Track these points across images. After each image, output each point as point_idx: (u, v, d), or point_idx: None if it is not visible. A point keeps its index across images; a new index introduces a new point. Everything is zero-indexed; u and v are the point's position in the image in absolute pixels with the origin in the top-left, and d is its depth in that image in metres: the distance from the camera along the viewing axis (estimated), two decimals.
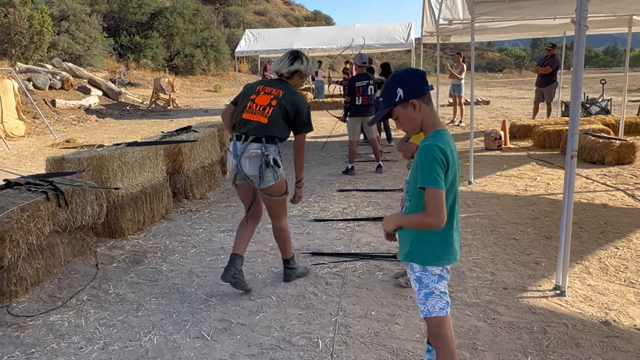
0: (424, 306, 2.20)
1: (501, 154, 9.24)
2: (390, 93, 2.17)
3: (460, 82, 13.21)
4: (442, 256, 2.18)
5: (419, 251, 2.18)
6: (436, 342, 2.22)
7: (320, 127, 13.28)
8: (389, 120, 10.76)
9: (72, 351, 3.01)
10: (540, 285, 3.74)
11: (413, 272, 2.22)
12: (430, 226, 2.10)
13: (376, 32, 21.02)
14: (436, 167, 2.06)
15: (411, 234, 2.20)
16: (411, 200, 2.21)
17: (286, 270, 3.97)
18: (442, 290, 2.20)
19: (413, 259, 2.19)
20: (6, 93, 13.66)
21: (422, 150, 2.11)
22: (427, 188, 2.06)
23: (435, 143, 2.11)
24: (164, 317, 3.41)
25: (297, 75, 3.79)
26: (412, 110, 2.16)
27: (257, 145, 3.61)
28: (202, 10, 38.92)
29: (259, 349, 2.98)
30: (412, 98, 2.14)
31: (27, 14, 22.26)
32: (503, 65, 66.02)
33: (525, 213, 5.54)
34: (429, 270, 2.18)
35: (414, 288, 2.24)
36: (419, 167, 2.09)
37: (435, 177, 2.05)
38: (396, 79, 2.20)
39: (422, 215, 2.10)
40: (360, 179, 7.49)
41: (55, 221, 3.92)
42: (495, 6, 6.52)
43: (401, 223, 2.23)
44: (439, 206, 2.05)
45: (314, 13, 65.36)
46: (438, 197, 2.05)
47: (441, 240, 2.17)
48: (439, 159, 2.07)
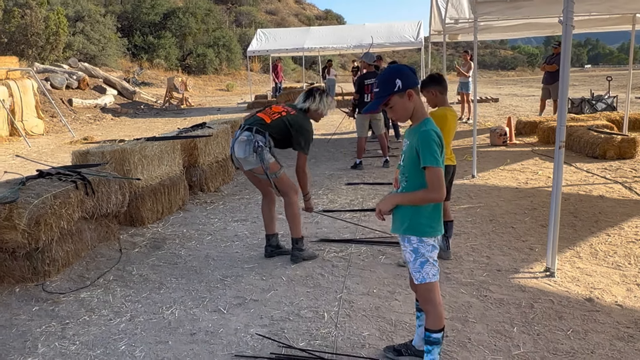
0: (419, 274, 2.49)
1: (506, 149, 9.47)
2: (389, 83, 2.44)
3: (467, 79, 13.43)
4: (436, 228, 2.49)
5: (417, 224, 2.46)
6: (426, 305, 2.53)
7: (330, 124, 13.56)
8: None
9: (102, 322, 3.34)
10: (532, 267, 4.01)
11: (410, 244, 2.50)
12: (433, 200, 2.42)
13: (386, 31, 21.28)
14: (435, 148, 2.38)
15: (409, 210, 2.48)
16: (408, 180, 2.49)
17: (294, 251, 4.29)
18: (435, 258, 2.50)
19: (413, 232, 2.47)
20: (26, 92, 14.12)
21: (422, 135, 2.40)
22: (429, 167, 2.36)
23: (431, 128, 2.43)
24: (184, 294, 3.73)
25: (309, 111, 4.44)
26: (407, 99, 2.45)
27: (247, 133, 4.09)
28: (214, 10, 39.38)
29: (270, 321, 3.29)
30: (409, 88, 2.44)
31: (44, 15, 22.80)
32: (515, 63, 65.73)
33: (524, 204, 5.80)
34: (425, 241, 2.47)
35: (408, 259, 2.52)
36: (421, 149, 2.38)
37: (436, 157, 2.37)
38: (394, 71, 2.48)
39: (425, 191, 2.40)
40: (367, 173, 7.78)
41: (83, 208, 4.26)
42: (497, 6, 6.76)
43: (402, 202, 2.49)
44: (440, 182, 2.37)
45: (325, 12, 65.64)
46: (439, 174, 2.37)
47: (434, 214, 2.48)
48: (436, 141, 2.39)
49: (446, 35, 11.33)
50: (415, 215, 2.47)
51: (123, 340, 3.11)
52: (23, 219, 3.66)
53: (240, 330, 3.19)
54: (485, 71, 53.81)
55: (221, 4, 47.77)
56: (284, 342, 3.01)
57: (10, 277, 3.83)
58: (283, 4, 60.44)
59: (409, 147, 2.48)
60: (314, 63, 41.36)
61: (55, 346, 3.07)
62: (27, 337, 3.18)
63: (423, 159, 2.37)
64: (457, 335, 3.03)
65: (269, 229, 4.46)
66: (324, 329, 3.16)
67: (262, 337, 3.08)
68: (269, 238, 4.44)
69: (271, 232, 4.45)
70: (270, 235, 4.44)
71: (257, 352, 2.93)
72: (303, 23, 52.05)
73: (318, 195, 6.51)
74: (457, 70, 13.72)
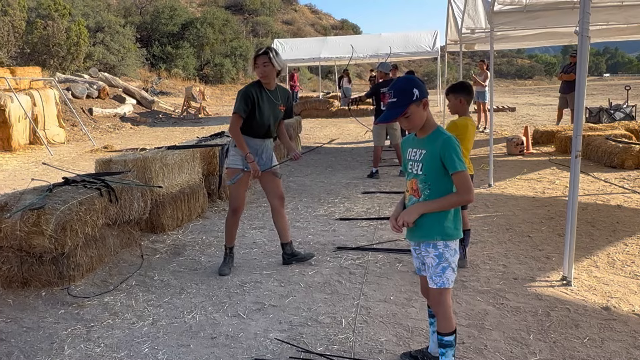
0: (439, 278, 2.53)
1: (523, 159, 9.46)
2: (407, 93, 2.48)
3: (484, 89, 13.45)
4: (460, 229, 2.56)
5: (445, 228, 2.52)
6: (437, 307, 2.58)
7: (347, 133, 13.67)
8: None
9: (125, 325, 3.44)
10: (549, 276, 4.03)
11: (435, 249, 2.53)
12: (465, 202, 2.52)
13: (402, 40, 21.36)
14: (459, 152, 2.46)
15: (436, 216, 2.51)
16: (431, 188, 2.51)
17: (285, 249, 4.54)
18: (456, 263, 2.56)
19: (443, 237, 2.52)
20: (48, 102, 14.43)
21: (447, 142, 2.46)
22: (458, 172, 2.43)
23: (451, 135, 2.50)
24: (204, 299, 3.81)
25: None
26: (422, 108, 2.51)
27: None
28: (231, 20, 39.83)
29: (289, 326, 3.35)
30: (424, 98, 2.50)
31: (65, 26, 23.28)
32: (533, 72, 65.35)
33: (541, 213, 5.81)
34: (449, 246, 2.53)
35: (430, 264, 2.56)
36: (448, 156, 2.44)
37: (462, 161, 2.45)
38: (410, 81, 2.53)
39: (456, 195, 2.46)
40: (384, 182, 7.83)
41: (107, 215, 4.38)
42: (513, 16, 6.82)
43: (431, 209, 2.50)
44: (470, 184, 2.46)
45: (341, 22, 65.99)
46: (467, 177, 2.46)
47: (456, 217, 2.55)
48: (458, 146, 2.47)
49: (462, 45, 11.39)
50: (442, 220, 2.52)
51: (146, 343, 3.19)
52: (50, 225, 3.78)
53: (259, 334, 3.26)
54: (502, 80, 53.60)
55: (238, 14, 48.34)
56: (302, 347, 3.08)
57: (37, 281, 3.95)
58: (299, 14, 60.93)
59: (429, 155, 2.50)
60: (329, 72, 41.58)
61: (80, 348, 3.16)
62: (54, 339, 3.28)
63: (452, 165, 2.43)
64: (473, 342, 3.07)
65: (280, 237, 4.53)
66: (342, 335, 3.22)
67: (281, 341, 3.15)
68: (283, 246, 4.52)
69: (282, 240, 4.51)
70: (282, 245, 4.52)
71: (276, 356, 3.00)
72: (319, 33, 52.41)
73: (335, 204, 6.58)
74: (474, 80, 13.74)
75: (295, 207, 6.48)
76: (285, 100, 4.37)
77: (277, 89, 4.33)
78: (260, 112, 4.19)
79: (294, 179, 8.42)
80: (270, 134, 4.35)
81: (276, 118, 4.33)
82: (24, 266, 3.95)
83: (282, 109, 4.35)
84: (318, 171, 9.07)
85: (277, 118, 4.34)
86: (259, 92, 4.20)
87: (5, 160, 11.66)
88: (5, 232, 3.86)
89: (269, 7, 53.38)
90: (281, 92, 4.37)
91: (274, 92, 4.28)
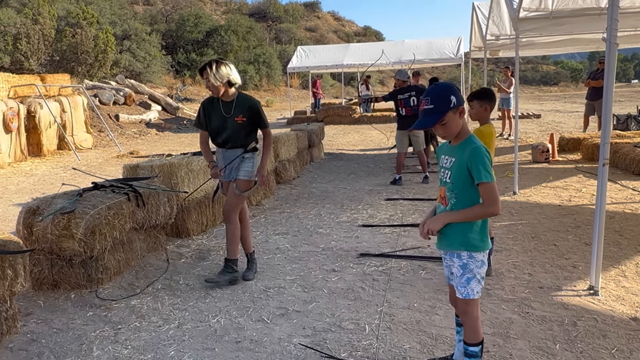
0: (464, 289, 2.53)
1: (548, 166, 9.34)
2: (445, 100, 2.46)
3: (508, 95, 13.33)
4: (486, 242, 2.53)
5: (469, 239, 2.50)
6: (464, 317, 2.58)
7: (370, 140, 13.67)
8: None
9: (152, 328, 3.49)
10: (575, 285, 3.97)
11: (459, 259, 2.53)
12: (490, 215, 2.46)
13: (425, 47, 21.29)
14: (488, 164, 2.43)
15: (461, 226, 2.51)
16: (458, 197, 2.51)
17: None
18: (482, 275, 2.54)
19: (466, 248, 2.51)
20: (76, 108, 14.75)
21: (475, 152, 2.44)
22: (484, 183, 2.41)
23: (481, 145, 2.48)
24: (229, 303, 3.85)
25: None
26: (458, 116, 2.50)
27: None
28: (255, 27, 40.22)
29: (313, 331, 3.37)
30: (460, 105, 2.50)
31: (93, 34, 23.79)
32: (558, 78, 64.38)
33: (567, 222, 5.73)
34: (474, 257, 2.51)
35: (455, 274, 2.56)
36: (475, 166, 2.42)
37: (490, 172, 2.42)
38: (447, 88, 2.52)
39: (482, 206, 2.43)
40: (407, 189, 7.81)
41: (134, 219, 4.46)
42: (539, 23, 6.76)
43: (456, 219, 2.50)
44: (496, 196, 2.42)
45: (364, 29, 66.02)
46: (494, 189, 2.42)
47: (483, 228, 2.52)
48: (488, 157, 2.44)
49: (487, 51, 11.32)
50: (467, 230, 2.50)
51: (172, 346, 3.24)
52: (80, 229, 3.87)
53: (283, 339, 3.28)
54: (527, 87, 52.96)
55: (262, 21, 48.78)
56: (326, 352, 3.09)
57: (66, 284, 4.04)
58: (322, 21, 61.19)
59: (457, 164, 2.50)
60: (352, 79, 41.64)
61: (109, 350, 3.22)
62: (83, 340, 3.35)
63: (478, 175, 2.41)
64: (498, 351, 3.04)
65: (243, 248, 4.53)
66: (365, 341, 3.22)
67: (305, 347, 3.17)
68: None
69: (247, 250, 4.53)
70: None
71: None
72: (342, 40, 52.55)
73: (358, 210, 6.59)
74: (498, 86, 13.64)
75: (318, 214, 6.51)
76: (245, 111, 4.20)
77: (235, 99, 4.22)
78: (209, 123, 4.28)
79: (317, 185, 8.45)
80: (229, 144, 4.26)
81: (232, 129, 4.20)
82: (54, 268, 4.04)
83: (240, 120, 4.19)
84: (341, 178, 9.09)
85: (232, 129, 4.20)
86: (211, 104, 4.27)
87: (35, 165, 11.94)
88: (37, 235, 3.97)
89: (292, 14, 53.77)
90: (240, 103, 4.22)
91: (229, 103, 4.21)
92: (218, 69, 4.07)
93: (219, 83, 4.08)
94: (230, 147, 4.27)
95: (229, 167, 4.28)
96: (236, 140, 4.24)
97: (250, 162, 4.30)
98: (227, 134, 4.23)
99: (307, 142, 10.40)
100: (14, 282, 3.29)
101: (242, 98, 4.27)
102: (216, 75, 4.06)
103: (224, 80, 4.10)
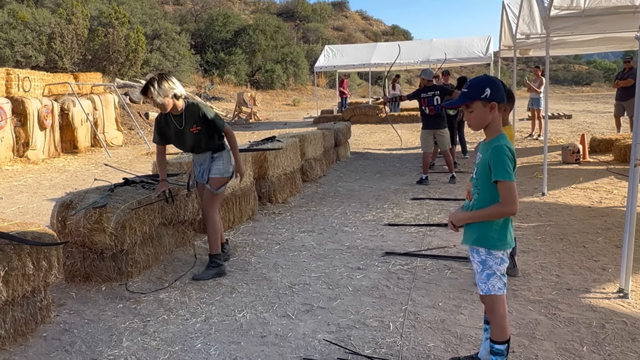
0: (484, 285, 2.54)
1: (579, 167, 9.18)
2: (479, 88, 2.49)
3: (538, 95, 13.12)
4: (505, 241, 2.53)
5: (486, 237, 2.52)
6: (490, 314, 2.58)
7: (396, 139, 13.61)
8: (463, 130, 10.86)
9: (179, 321, 3.57)
10: (604, 288, 3.91)
11: (478, 256, 2.56)
12: (507, 214, 2.46)
13: (454, 46, 21.12)
14: (508, 162, 2.43)
15: (479, 223, 2.54)
16: (480, 193, 2.54)
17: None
18: (502, 272, 2.54)
19: (481, 244, 2.53)
20: (108, 106, 15.07)
21: (495, 150, 2.46)
22: (502, 181, 2.41)
23: (505, 144, 2.48)
24: (254, 299, 3.91)
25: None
26: (488, 110, 2.50)
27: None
28: (283, 27, 40.42)
29: (337, 328, 3.40)
30: (494, 101, 2.50)
31: (124, 34, 24.25)
32: (591, 78, 62.95)
33: (597, 223, 5.63)
34: (494, 254, 2.52)
35: (476, 270, 2.58)
36: (493, 164, 2.44)
37: (508, 171, 2.42)
38: (487, 80, 2.54)
39: (498, 205, 2.45)
40: (433, 189, 7.77)
41: (163, 215, 4.55)
42: (570, 21, 6.64)
43: (475, 219, 2.53)
44: (514, 196, 2.42)
45: (391, 28, 65.68)
46: (512, 188, 2.41)
47: (504, 227, 2.52)
48: (509, 156, 2.44)
49: (517, 51, 11.17)
50: (484, 227, 2.53)
51: (199, 339, 3.31)
52: (111, 223, 3.97)
53: (308, 335, 3.32)
54: (558, 87, 51.96)
55: (290, 21, 48.98)
56: (350, 348, 3.11)
57: (97, 276, 4.15)
58: (350, 20, 61.11)
59: (482, 161, 2.54)
60: (379, 78, 41.49)
61: (138, 341, 3.31)
62: (113, 331, 3.44)
63: (495, 173, 2.42)
64: (524, 352, 3.02)
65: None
66: (390, 339, 3.23)
67: (329, 342, 3.19)
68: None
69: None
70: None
71: (324, 356, 3.05)
72: (370, 39, 52.39)
73: (383, 209, 6.59)
74: (528, 86, 13.44)
75: (343, 212, 6.53)
76: (197, 120, 4.23)
77: (184, 111, 4.25)
78: (169, 137, 4.39)
79: (343, 184, 8.47)
80: (197, 150, 4.39)
81: (192, 139, 4.29)
82: (86, 261, 4.16)
83: (195, 130, 4.24)
84: (367, 177, 9.09)
85: (192, 139, 4.29)
86: (165, 120, 4.33)
87: (68, 161, 12.25)
88: (70, 229, 4.09)
89: (320, 14, 53.85)
90: (189, 114, 4.25)
91: (179, 116, 4.25)
92: (160, 85, 4.06)
93: (163, 99, 4.09)
94: (200, 151, 4.42)
95: (201, 170, 4.47)
96: (200, 147, 4.37)
97: (220, 160, 4.42)
98: (189, 144, 4.37)
99: (333, 141, 10.43)
100: (48, 273, 3.40)
101: (190, 108, 4.28)
102: (159, 92, 4.06)
103: (169, 95, 4.11)
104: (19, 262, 3.17)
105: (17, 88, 12.59)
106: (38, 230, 3.40)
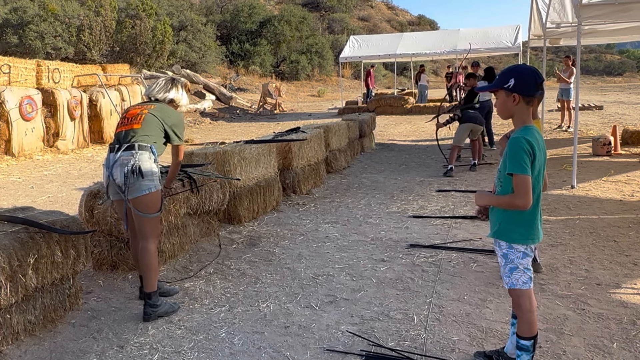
0: (508, 279, 2.50)
1: (610, 159, 8.96)
2: (504, 77, 2.49)
3: (569, 86, 12.82)
4: (527, 236, 2.47)
5: (506, 230, 2.49)
6: (516, 309, 2.55)
7: (421, 130, 13.49)
8: (490, 122, 10.87)
9: (204, 310, 3.60)
10: (636, 283, 3.81)
11: (500, 249, 2.53)
12: (517, 207, 2.41)
13: (481, 36, 20.75)
14: (523, 156, 2.37)
15: (500, 215, 2.52)
16: (502, 185, 2.52)
17: (146, 307, 3.47)
18: (525, 266, 2.49)
19: (501, 237, 2.51)
20: (135, 97, 15.23)
21: (511, 142, 2.43)
22: (515, 174, 2.37)
23: (523, 136, 2.42)
24: (278, 289, 3.92)
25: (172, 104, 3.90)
26: (510, 100, 2.47)
27: (128, 152, 3.55)
28: (308, 17, 40.25)
29: (361, 320, 3.38)
30: (517, 92, 2.44)
31: (151, 25, 24.49)
32: (623, 68, 61.28)
33: (629, 217, 5.49)
34: (515, 248, 2.48)
35: (500, 263, 2.54)
36: (509, 156, 2.41)
37: (522, 164, 2.36)
38: (515, 70, 2.49)
39: (511, 196, 2.41)
40: (459, 181, 7.68)
41: (188, 205, 4.58)
42: (603, 9, 6.46)
43: (491, 203, 2.57)
44: (526, 189, 2.36)
45: (418, 17, 64.89)
46: (525, 181, 2.36)
47: (527, 221, 2.47)
48: (525, 149, 2.38)
49: (547, 40, 10.92)
50: (505, 220, 2.50)
51: (223, 328, 3.33)
52: None
53: (331, 326, 3.31)
54: (589, 77, 50.80)
55: (315, 11, 48.75)
56: (373, 340, 3.10)
57: (124, 265, 4.22)
58: (376, 10, 60.58)
59: (504, 153, 2.50)
60: (405, 69, 41.11)
61: (163, 329, 3.34)
62: (139, 319, 3.49)
63: (509, 166, 2.40)
64: (551, 347, 2.96)
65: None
66: (413, 331, 3.21)
67: (353, 334, 3.18)
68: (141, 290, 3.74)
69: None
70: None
71: (347, 348, 3.04)
72: (395, 29, 51.91)
73: (408, 201, 6.54)
74: (558, 76, 13.15)
75: (368, 204, 6.49)
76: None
77: None
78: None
79: (367, 175, 8.42)
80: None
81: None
82: (113, 250, 4.22)
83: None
84: (392, 168, 9.03)
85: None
86: None
87: (96, 151, 12.45)
88: (97, 218, 4.15)
89: (345, 4, 53.45)
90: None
91: None
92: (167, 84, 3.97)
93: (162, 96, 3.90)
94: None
95: None
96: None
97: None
98: None
99: (358, 132, 10.37)
100: (77, 261, 3.46)
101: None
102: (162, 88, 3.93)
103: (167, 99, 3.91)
104: (48, 250, 3.23)
105: (47, 79, 12.83)
106: (66, 219, 3.45)
